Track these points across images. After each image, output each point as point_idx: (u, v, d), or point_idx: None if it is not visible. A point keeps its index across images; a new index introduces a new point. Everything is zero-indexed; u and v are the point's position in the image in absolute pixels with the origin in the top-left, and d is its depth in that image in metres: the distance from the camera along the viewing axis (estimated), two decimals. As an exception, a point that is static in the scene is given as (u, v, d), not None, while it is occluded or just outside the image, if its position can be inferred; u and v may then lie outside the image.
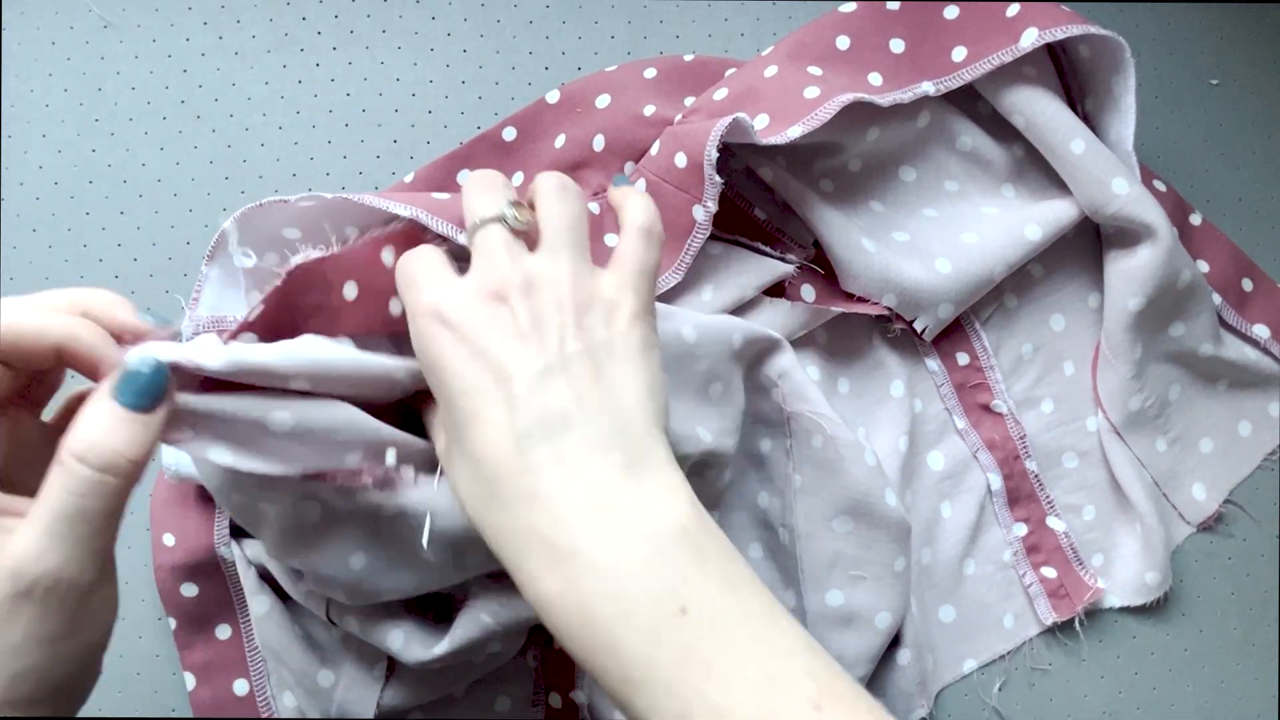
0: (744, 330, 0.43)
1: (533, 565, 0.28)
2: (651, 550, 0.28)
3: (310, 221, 0.40)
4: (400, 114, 0.49)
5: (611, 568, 0.27)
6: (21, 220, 0.47)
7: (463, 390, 0.30)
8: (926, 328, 0.48)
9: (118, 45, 0.48)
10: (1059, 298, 0.51)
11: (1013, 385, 0.51)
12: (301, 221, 0.40)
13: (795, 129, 0.43)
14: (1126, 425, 0.50)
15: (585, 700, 0.45)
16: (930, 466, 0.49)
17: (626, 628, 0.27)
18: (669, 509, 0.29)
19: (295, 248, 0.40)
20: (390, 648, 0.39)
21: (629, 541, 0.28)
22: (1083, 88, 0.50)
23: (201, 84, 0.48)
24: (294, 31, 0.49)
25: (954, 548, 0.49)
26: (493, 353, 0.30)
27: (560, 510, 0.28)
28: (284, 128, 0.48)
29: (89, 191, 0.47)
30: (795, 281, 0.47)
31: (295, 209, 0.40)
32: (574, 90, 0.48)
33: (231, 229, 0.39)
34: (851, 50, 0.47)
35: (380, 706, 0.41)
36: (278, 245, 0.40)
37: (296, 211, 0.40)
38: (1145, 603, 0.50)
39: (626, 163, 0.47)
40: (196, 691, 0.45)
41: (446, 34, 0.49)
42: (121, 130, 0.48)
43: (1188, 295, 0.49)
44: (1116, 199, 0.47)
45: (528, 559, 0.28)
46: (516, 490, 0.28)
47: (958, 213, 0.49)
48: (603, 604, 0.27)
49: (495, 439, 0.29)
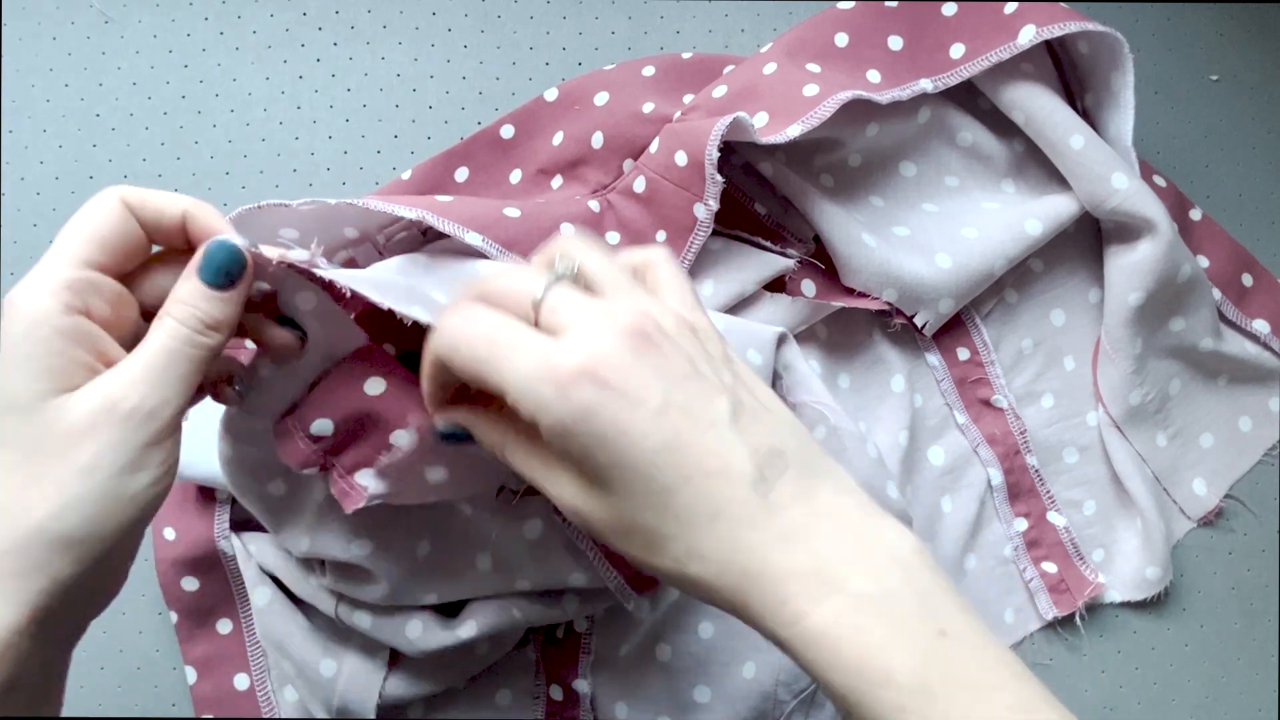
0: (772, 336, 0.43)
1: (798, 605, 0.27)
2: (904, 574, 0.28)
3: (308, 223, 0.40)
4: (401, 109, 0.49)
5: (880, 594, 0.27)
6: (22, 215, 0.47)
7: (658, 450, 0.27)
8: (927, 323, 0.48)
9: (118, 40, 0.48)
10: (1059, 293, 0.51)
11: (1013, 380, 0.51)
12: (299, 222, 0.40)
13: (794, 127, 0.43)
14: (1127, 420, 0.50)
15: (588, 690, 0.45)
16: (931, 461, 0.49)
17: (899, 652, 0.26)
18: (898, 530, 0.28)
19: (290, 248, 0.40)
20: (408, 637, 0.40)
21: (886, 568, 0.27)
22: (1082, 84, 0.50)
23: (202, 79, 0.48)
24: (295, 27, 0.49)
25: (955, 543, 0.49)
26: (680, 400, 0.27)
27: (818, 545, 0.27)
28: (284, 123, 0.48)
29: (90, 186, 0.47)
30: (796, 276, 0.47)
31: (295, 212, 0.39)
32: (572, 88, 0.48)
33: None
34: (850, 47, 0.47)
35: (382, 697, 0.41)
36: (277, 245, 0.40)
37: (296, 214, 0.40)
38: (1146, 598, 0.50)
39: (626, 159, 0.47)
40: (197, 685, 0.45)
41: (447, 30, 0.49)
42: (122, 125, 0.48)
43: (1188, 290, 0.49)
44: (1116, 194, 0.47)
45: (791, 601, 0.27)
46: (766, 538, 0.27)
47: (958, 208, 0.49)
48: (875, 630, 0.27)
49: (730, 492, 0.27)
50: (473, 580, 0.40)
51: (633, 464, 0.27)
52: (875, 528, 0.28)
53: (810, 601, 0.27)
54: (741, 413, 0.28)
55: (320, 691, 0.42)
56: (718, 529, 0.27)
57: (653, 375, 0.27)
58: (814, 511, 0.28)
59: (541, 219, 0.43)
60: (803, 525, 0.28)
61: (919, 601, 0.27)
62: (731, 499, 0.27)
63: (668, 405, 0.27)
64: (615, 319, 0.28)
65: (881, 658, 0.26)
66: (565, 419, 0.27)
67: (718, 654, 0.45)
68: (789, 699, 0.45)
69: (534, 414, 0.27)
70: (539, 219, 0.43)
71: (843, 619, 0.27)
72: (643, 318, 0.28)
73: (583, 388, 0.26)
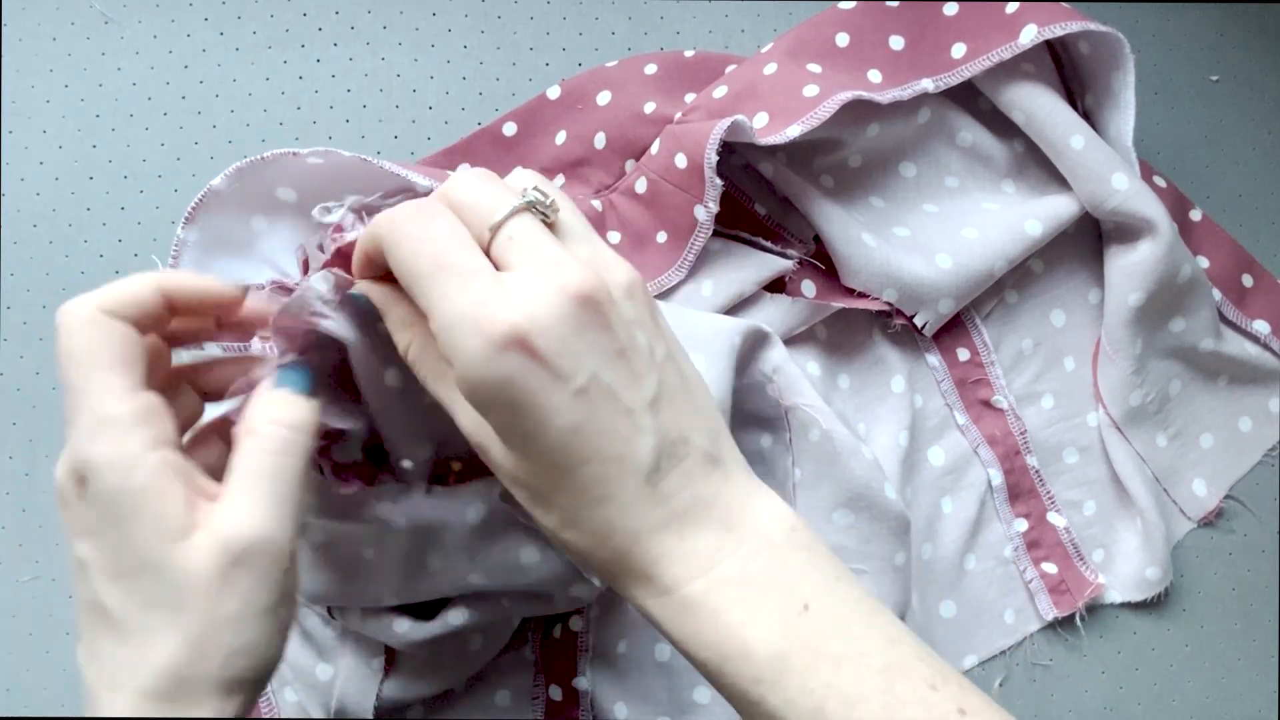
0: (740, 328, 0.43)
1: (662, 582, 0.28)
2: (771, 554, 0.29)
3: (309, 182, 0.39)
4: (401, 110, 0.49)
5: (742, 577, 0.28)
6: (22, 215, 0.47)
7: (565, 429, 0.27)
8: (927, 323, 0.48)
9: (118, 41, 0.48)
10: (1059, 293, 0.51)
11: (1013, 381, 0.51)
12: (299, 182, 0.39)
13: (794, 128, 0.43)
14: (1127, 420, 0.50)
15: (588, 688, 0.45)
16: (931, 462, 0.49)
17: (758, 630, 0.28)
18: (775, 511, 0.29)
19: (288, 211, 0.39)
20: (396, 631, 0.39)
21: (753, 551, 0.28)
22: (1082, 84, 0.50)
23: (202, 80, 0.48)
24: (295, 27, 0.49)
25: (954, 543, 0.49)
26: (605, 382, 0.27)
27: (691, 530, 0.28)
28: (284, 123, 0.48)
29: (89, 187, 0.47)
30: (795, 277, 0.47)
31: (300, 165, 0.37)
32: (575, 86, 0.48)
33: (222, 184, 0.37)
34: (851, 47, 0.47)
35: (380, 699, 0.41)
36: (270, 209, 0.39)
37: (298, 171, 0.38)
38: (1146, 598, 0.50)
39: (627, 160, 0.47)
40: (197, 687, 0.45)
41: (447, 30, 0.49)
42: (122, 126, 0.48)
43: (1188, 290, 0.49)
44: (1116, 194, 0.47)
45: (656, 579, 0.28)
46: (646, 524, 0.28)
47: (958, 208, 0.49)
48: (735, 610, 0.28)
49: (623, 480, 0.28)
50: (426, 582, 0.39)
51: (537, 438, 0.27)
52: (752, 511, 0.29)
53: (675, 582, 0.28)
54: (662, 395, 0.28)
55: (318, 695, 0.42)
56: (603, 510, 0.28)
57: (586, 351, 0.27)
58: (696, 499, 0.29)
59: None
60: (683, 513, 0.28)
61: (784, 580, 0.28)
62: (623, 486, 0.28)
63: (591, 385, 0.27)
64: (566, 276, 0.26)
65: (741, 633, 0.28)
66: (484, 378, 0.26)
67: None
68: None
69: (452, 357, 0.26)
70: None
71: (706, 599, 0.28)
72: (595, 281, 0.27)
73: (509, 354, 0.26)
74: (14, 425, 0.47)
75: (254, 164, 0.37)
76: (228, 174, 0.37)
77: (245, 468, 0.28)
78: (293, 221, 0.38)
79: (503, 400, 0.26)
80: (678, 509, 0.28)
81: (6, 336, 0.47)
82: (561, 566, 0.39)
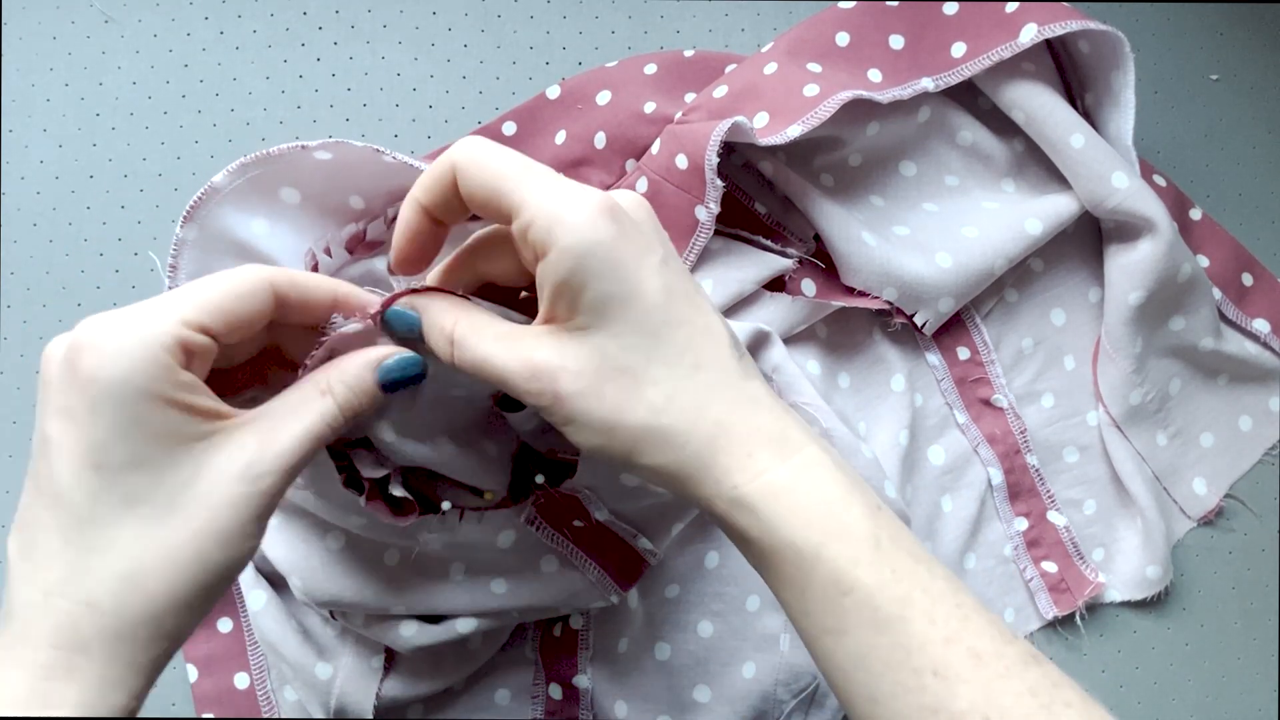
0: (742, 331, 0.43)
1: (762, 460, 0.28)
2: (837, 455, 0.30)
3: (314, 183, 0.38)
4: (401, 109, 0.49)
5: (830, 461, 0.29)
6: (22, 214, 0.47)
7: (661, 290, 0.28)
8: (927, 322, 0.48)
9: (118, 40, 0.48)
10: (1059, 292, 0.51)
11: (1013, 380, 0.51)
12: (303, 182, 0.38)
13: (794, 128, 0.43)
14: (1127, 420, 0.50)
15: (589, 686, 0.45)
16: (931, 461, 0.49)
17: (852, 511, 0.28)
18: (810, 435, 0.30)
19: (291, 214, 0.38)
20: (402, 635, 0.40)
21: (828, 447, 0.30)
22: (1082, 83, 0.50)
23: (202, 79, 0.48)
24: (295, 26, 0.49)
25: (955, 542, 0.49)
26: (675, 264, 0.29)
27: (779, 411, 0.29)
28: (285, 122, 0.48)
29: (90, 186, 0.47)
30: (796, 276, 0.47)
31: (307, 161, 0.36)
32: (574, 86, 0.48)
33: (224, 181, 0.36)
34: (851, 46, 0.47)
35: (379, 699, 0.41)
36: (272, 209, 0.38)
37: (303, 169, 0.37)
38: (1146, 597, 0.50)
39: (627, 160, 0.47)
40: (199, 683, 0.45)
41: (447, 29, 0.49)
42: (122, 125, 0.48)
43: (1188, 289, 0.49)
44: (1116, 193, 0.47)
45: (757, 455, 0.28)
46: (740, 395, 0.29)
47: (958, 207, 0.49)
48: (833, 489, 0.28)
49: (715, 348, 0.29)
50: (447, 592, 0.39)
51: (639, 296, 0.28)
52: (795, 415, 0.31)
53: (773, 459, 0.28)
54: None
55: (318, 693, 0.42)
56: (700, 378, 0.28)
57: (655, 233, 0.29)
58: (767, 391, 0.30)
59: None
60: (765, 395, 0.30)
61: (857, 480, 0.30)
62: (716, 355, 0.29)
63: (669, 258, 0.29)
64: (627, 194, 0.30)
65: (840, 509, 0.28)
66: (589, 238, 0.27)
67: (717, 653, 0.45)
68: (789, 699, 0.45)
69: (551, 230, 0.27)
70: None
71: (804, 475, 0.28)
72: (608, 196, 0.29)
73: (607, 217, 0.27)
74: (14, 425, 0.47)
75: (259, 159, 0.36)
76: (230, 170, 0.36)
77: (295, 416, 0.28)
78: (295, 223, 0.38)
79: (605, 259, 0.27)
80: (760, 390, 0.29)
81: (7, 335, 0.47)
82: (580, 581, 0.40)
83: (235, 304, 0.27)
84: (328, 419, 0.28)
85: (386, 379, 0.29)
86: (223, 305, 0.27)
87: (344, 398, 0.28)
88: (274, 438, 0.27)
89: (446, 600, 0.39)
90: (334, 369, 0.29)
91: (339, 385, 0.28)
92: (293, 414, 0.28)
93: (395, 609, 0.39)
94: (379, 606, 0.39)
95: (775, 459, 0.28)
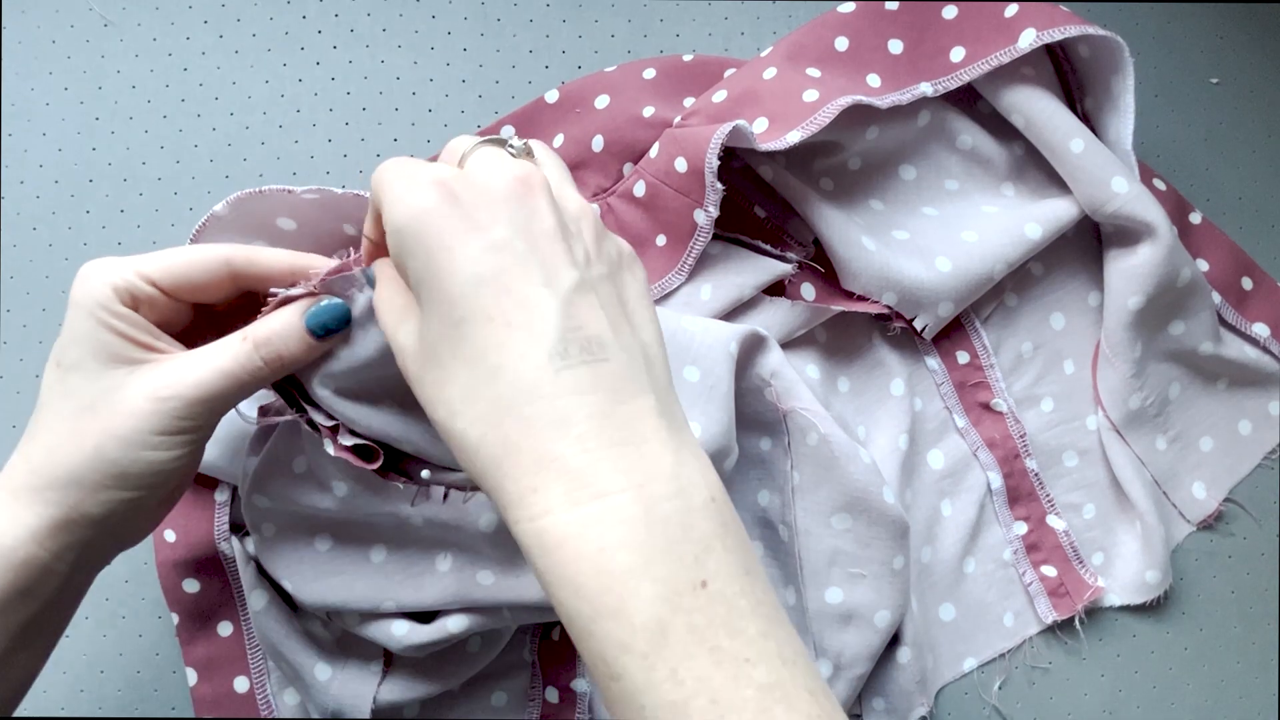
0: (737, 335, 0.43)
1: (548, 498, 0.24)
2: (682, 511, 0.24)
3: (308, 213, 0.40)
4: (400, 112, 0.49)
5: (641, 518, 0.24)
6: (22, 218, 0.47)
7: (471, 280, 0.25)
8: (926, 326, 0.48)
9: (118, 44, 0.48)
10: (1059, 296, 0.51)
11: (1013, 384, 0.51)
12: (298, 213, 0.40)
13: (794, 134, 0.43)
14: (1126, 424, 0.50)
15: (587, 689, 0.45)
16: (930, 465, 0.49)
17: (643, 586, 0.23)
18: (700, 474, 0.26)
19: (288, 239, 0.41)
20: (395, 634, 0.40)
21: (660, 496, 0.24)
22: (1082, 87, 0.50)
23: (202, 82, 0.48)
24: (294, 30, 0.49)
25: (954, 546, 0.49)
26: (522, 248, 0.26)
27: (592, 444, 0.24)
28: (284, 126, 0.48)
29: (89, 190, 0.48)
30: (795, 280, 0.47)
31: (296, 200, 0.39)
32: (573, 90, 0.48)
33: (224, 211, 0.39)
34: (850, 51, 0.47)
35: (377, 702, 0.41)
36: (272, 236, 0.40)
37: (298, 202, 0.40)
38: (1145, 601, 0.50)
39: (626, 163, 0.47)
40: (198, 687, 0.45)
41: (447, 32, 0.49)
42: (121, 129, 0.48)
43: (1188, 294, 0.49)
44: (1116, 197, 0.47)
45: (542, 491, 0.24)
46: (542, 411, 0.25)
47: (958, 211, 0.49)
48: (623, 554, 0.23)
49: (524, 349, 0.25)
50: (433, 584, 0.40)
51: (444, 280, 0.26)
52: (675, 459, 0.25)
53: (562, 499, 0.24)
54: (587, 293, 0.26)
55: (316, 695, 0.42)
56: (498, 385, 0.25)
57: (506, 215, 0.26)
58: (607, 415, 0.25)
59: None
60: (585, 418, 0.25)
61: (689, 546, 0.24)
62: (522, 357, 0.25)
63: (506, 246, 0.26)
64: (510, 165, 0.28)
65: (621, 586, 0.23)
66: (404, 215, 0.26)
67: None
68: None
69: (385, 209, 0.27)
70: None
71: (592, 529, 0.24)
72: (538, 174, 0.28)
73: (429, 191, 0.26)
74: (14, 428, 0.47)
75: (252, 196, 0.39)
76: (229, 201, 0.39)
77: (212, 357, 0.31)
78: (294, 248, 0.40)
79: (414, 237, 0.26)
80: (582, 413, 0.25)
81: (6, 339, 0.47)
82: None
83: (185, 268, 0.32)
84: (240, 359, 0.31)
85: (314, 323, 0.32)
86: (172, 268, 0.32)
87: (263, 339, 0.31)
88: (187, 369, 0.31)
89: (434, 592, 0.40)
90: (262, 319, 0.32)
91: (262, 330, 0.32)
92: (210, 352, 0.32)
93: (385, 605, 0.40)
94: (369, 604, 0.40)
95: (564, 500, 0.24)
